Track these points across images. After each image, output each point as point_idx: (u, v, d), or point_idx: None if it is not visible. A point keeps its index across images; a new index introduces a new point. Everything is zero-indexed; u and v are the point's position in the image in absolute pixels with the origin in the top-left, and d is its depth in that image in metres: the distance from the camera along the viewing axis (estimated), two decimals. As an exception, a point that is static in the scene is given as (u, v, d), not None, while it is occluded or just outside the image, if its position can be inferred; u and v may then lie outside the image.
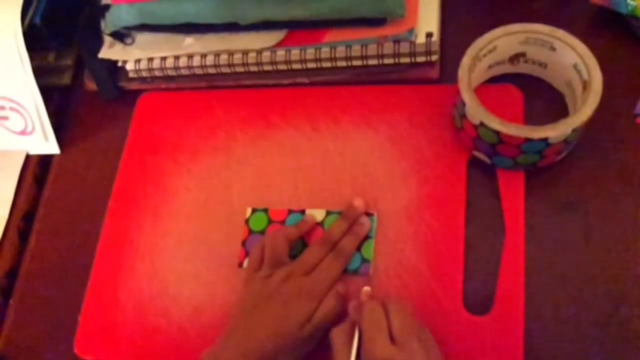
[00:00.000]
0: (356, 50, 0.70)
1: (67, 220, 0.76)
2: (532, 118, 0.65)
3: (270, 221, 0.67)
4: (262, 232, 0.67)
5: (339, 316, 0.60)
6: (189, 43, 0.75)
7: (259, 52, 0.72)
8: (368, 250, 0.63)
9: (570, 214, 0.62)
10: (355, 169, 0.69)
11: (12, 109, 0.78)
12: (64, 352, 0.69)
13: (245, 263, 0.66)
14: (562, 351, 0.58)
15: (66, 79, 0.83)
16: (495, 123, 0.59)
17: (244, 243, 0.67)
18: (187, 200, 0.72)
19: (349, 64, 0.71)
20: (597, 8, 0.68)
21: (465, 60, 0.62)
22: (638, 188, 0.62)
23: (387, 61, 0.70)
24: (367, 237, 0.64)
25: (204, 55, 0.74)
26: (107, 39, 0.78)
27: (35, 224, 0.77)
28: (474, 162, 0.66)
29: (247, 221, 0.68)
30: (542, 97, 0.67)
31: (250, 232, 0.67)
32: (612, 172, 0.63)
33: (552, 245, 0.62)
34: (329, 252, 0.62)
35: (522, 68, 0.68)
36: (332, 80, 0.73)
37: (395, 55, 0.69)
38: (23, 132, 0.80)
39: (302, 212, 0.67)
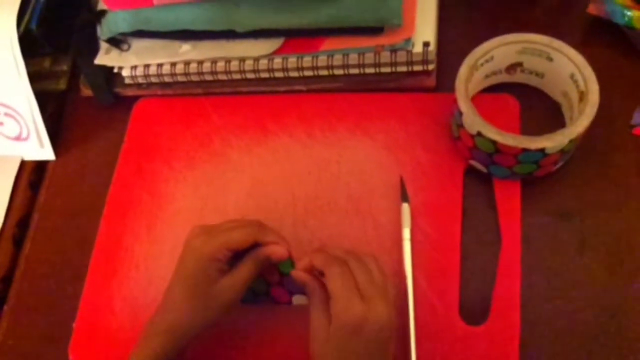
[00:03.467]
0: (353, 58, 0.70)
1: (61, 227, 0.76)
2: (528, 128, 0.66)
3: None
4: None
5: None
6: (186, 50, 0.75)
7: (256, 59, 0.72)
8: None
9: (567, 223, 0.63)
10: (351, 177, 0.69)
11: (7, 114, 0.78)
12: (59, 358, 0.68)
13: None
14: (557, 361, 0.58)
15: (62, 84, 0.83)
16: (492, 133, 0.59)
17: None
18: (182, 207, 0.72)
19: (346, 72, 0.71)
20: (594, 18, 0.68)
21: (463, 70, 0.62)
22: (634, 198, 0.62)
23: (384, 70, 0.70)
24: None
25: (200, 62, 0.74)
26: (104, 45, 0.78)
27: (30, 230, 0.77)
28: (470, 171, 0.66)
29: None
30: (538, 107, 0.67)
31: None
32: (608, 182, 0.63)
33: (548, 255, 0.62)
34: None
35: (519, 78, 0.68)
36: (328, 88, 0.73)
37: (392, 64, 0.69)
38: (18, 138, 0.79)
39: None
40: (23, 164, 0.80)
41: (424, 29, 0.69)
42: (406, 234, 0.63)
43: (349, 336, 0.52)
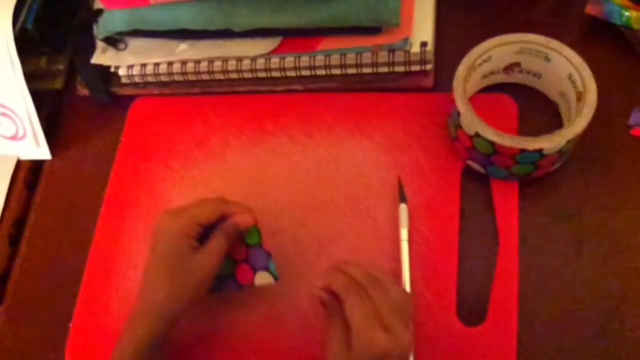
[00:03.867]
0: (351, 58, 0.69)
1: (58, 227, 0.76)
2: (525, 128, 0.65)
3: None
4: (258, 245, 0.63)
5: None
6: (183, 49, 0.74)
7: (254, 59, 0.72)
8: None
9: (564, 224, 0.63)
10: (348, 177, 0.69)
11: (3, 114, 0.78)
12: (55, 359, 0.68)
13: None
14: (555, 362, 0.58)
15: (58, 84, 0.82)
16: (490, 133, 0.59)
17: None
18: (180, 208, 0.72)
19: (344, 72, 0.71)
20: (592, 19, 0.68)
21: (461, 70, 0.62)
22: (632, 199, 0.62)
23: (381, 70, 0.70)
24: None
25: (197, 62, 0.74)
26: (100, 44, 0.78)
27: (26, 230, 0.77)
28: (468, 172, 0.66)
29: None
30: (536, 107, 0.67)
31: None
32: (606, 183, 0.63)
33: (545, 256, 0.62)
34: None
35: (516, 78, 0.68)
36: (326, 87, 0.73)
37: (390, 64, 0.69)
38: (14, 137, 0.79)
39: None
40: (19, 163, 0.80)
41: (422, 29, 0.68)
42: (404, 234, 0.63)
43: None
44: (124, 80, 0.78)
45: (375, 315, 0.51)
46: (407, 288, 0.61)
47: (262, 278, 0.61)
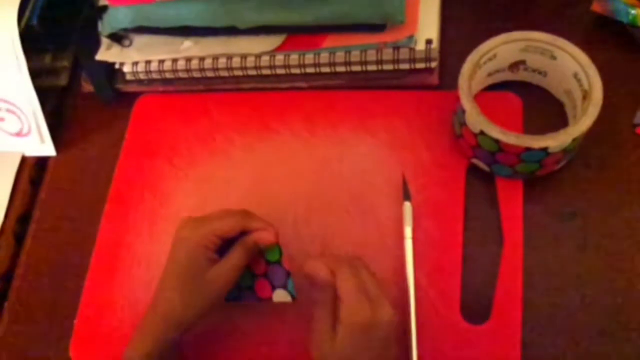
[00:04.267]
0: (355, 55, 0.69)
1: (62, 223, 0.76)
2: (531, 126, 0.65)
3: None
4: (277, 263, 0.61)
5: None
6: (187, 46, 0.74)
7: (258, 56, 0.72)
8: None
9: (568, 223, 0.62)
10: (353, 175, 0.69)
11: (8, 110, 0.78)
12: (59, 356, 0.68)
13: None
14: (559, 360, 0.58)
15: (63, 80, 0.82)
16: (495, 132, 0.58)
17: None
18: (184, 205, 0.72)
19: (348, 69, 0.71)
20: (598, 17, 0.68)
21: (466, 68, 0.62)
22: (636, 197, 0.62)
23: (386, 67, 0.70)
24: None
25: (202, 59, 0.74)
26: (105, 41, 0.78)
27: (31, 226, 0.77)
28: (472, 170, 0.66)
29: None
30: (541, 105, 0.67)
31: None
32: (611, 182, 0.63)
33: (550, 255, 0.61)
34: None
35: (522, 76, 0.67)
36: (330, 85, 0.73)
37: (395, 61, 0.69)
38: (19, 134, 0.79)
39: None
40: (24, 159, 0.80)
41: (427, 26, 0.68)
42: (408, 232, 0.63)
43: (358, 337, 0.52)
44: (128, 77, 0.78)
45: (363, 289, 0.53)
46: (411, 287, 0.61)
47: (281, 296, 0.60)
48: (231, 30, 0.71)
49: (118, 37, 0.77)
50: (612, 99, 0.63)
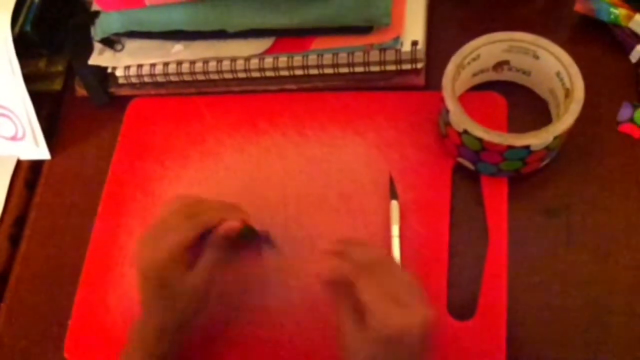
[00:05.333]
0: (343, 57, 0.70)
1: (57, 225, 0.77)
2: (515, 125, 0.66)
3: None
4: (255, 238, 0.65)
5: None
6: (178, 50, 0.75)
7: (247, 59, 0.73)
8: None
9: (553, 220, 0.63)
10: (341, 175, 0.70)
11: (3, 115, 0.79)
12: (54, 356, 0.69)
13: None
14: (544, 356, 0.59)
15: (57, 85, 0.84)
16: (478, 130, 0.59)
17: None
18: (176, 206, 0.73)
19: (336, 71, 0.72)
20: (581, 16, 0.69)
21: (449, 69, 0.63)
22: (620, 195, 0.63)
23: (373, 68, 0.71)
24: None
25: (192, 62, 0.75)
26: (97, 46, 0.79)
27: (26, 229, 0.78)
28: (458, 169, 0.67)
29: None
30: (525, 104, 0.68)
31: None
32: (595, 179, 0.64)
33: (534, 251, 0.62)
34: None
35: (506, 76, 0.68)
36: (319, 87, 0.74)
37: (382, 62, 0.70)
38: (14, 138, 0.80)
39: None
40: (19, 163, 0.82)
41: (413, 28, 0.69)
42: (395, 230, 0.64)
43: (389, 347, 0.49)
44: (121, 81, 0.79)
45: (388, 294, 0.50)
46: None
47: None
48: (221, 34, 0.73)
49: (110, 42, 0.78)
50: (596, 98, 0.64)
